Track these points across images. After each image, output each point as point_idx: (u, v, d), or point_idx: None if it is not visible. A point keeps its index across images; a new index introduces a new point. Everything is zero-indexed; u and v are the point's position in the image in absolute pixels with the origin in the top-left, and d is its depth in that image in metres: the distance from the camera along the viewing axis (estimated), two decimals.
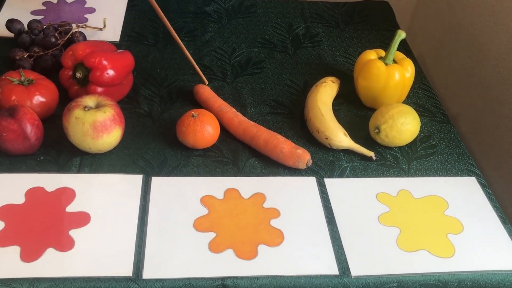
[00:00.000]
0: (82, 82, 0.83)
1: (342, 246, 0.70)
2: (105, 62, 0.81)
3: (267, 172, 0.79)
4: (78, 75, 0.82)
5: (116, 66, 0.82)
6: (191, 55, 1.00)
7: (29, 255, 0.65)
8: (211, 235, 0.69)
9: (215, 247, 0.68)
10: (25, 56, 0.90)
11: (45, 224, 0.68)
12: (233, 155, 0.81)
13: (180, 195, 0.74)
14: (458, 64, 1.28)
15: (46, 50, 0.92)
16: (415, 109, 0.86)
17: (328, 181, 0.78)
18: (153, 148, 0.80)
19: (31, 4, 1.07)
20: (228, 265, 0.66)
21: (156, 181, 0.75)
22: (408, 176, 0.81)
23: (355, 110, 0.92)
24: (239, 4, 1.16)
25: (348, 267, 0.67)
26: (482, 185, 0.81)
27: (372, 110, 0.89)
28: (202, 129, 0.79)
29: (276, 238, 0.70)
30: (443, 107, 0.96)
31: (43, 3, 1.08)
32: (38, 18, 1.02)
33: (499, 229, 0.74)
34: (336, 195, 0.76)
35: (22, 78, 0.81)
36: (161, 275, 0.64)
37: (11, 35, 0.96)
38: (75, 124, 0.74)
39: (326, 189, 0.77)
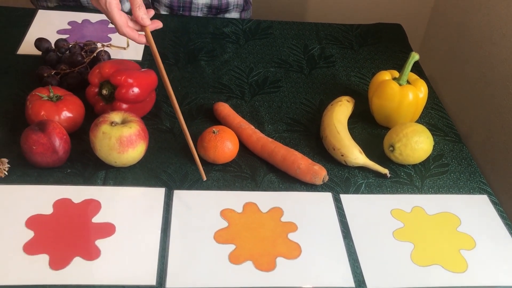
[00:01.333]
0: (108, 98, 0.87)
1: (358, 260, 0.72)
2: (130, 80, 0.85)
3: (284, 187, 0.81)
4: (104, 92, 0.86)
5: (140, 84, 0.86)
6: (211, 74, 1.04)
7: (57, 263, 0.67)
8: (231, 247, 0.72)
9: (234, 258, 0.70)
10: (52, 73, 0.94)
11: (72, 234, 0.71)
12: (251, 170, 0.84)
13: (201, 208, 0.77)
14: (469, 85, 1.31)
15: (72, 67, 0.96)
16: (428, 129, 0.88)
17: (344, 197, 0.81)
18: (175, 162, 0.83)
19: (57, 24, 1.12)
20: (247, 276, 0.68)
21: (178, 194, 0.78)
22: (421, 193, 0.83)
23: (370, 128, 0.95)
24: (256, 26, 1.19)
25: (363, 280, 0.69)
26: (494, 203, 0.83)
27: (386, 128, 0.91)
28: (222, 145, 0.82)
29: (293, 251, 0.72)
30: (455, 126, 0.98)
31: (69, 23, 1.13)
32: (64, 37, 1.06)
33: (510, 245, 0.76)
34: (352, 211, 0.79)
35: (51, 94, 0.85)
36: (183, 285, 0.67)
37: (39, 53, 1.01)
38: (102, 138, 0.77)
39: (342, 205, 0.79)
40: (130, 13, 1.19)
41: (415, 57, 0.90)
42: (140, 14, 0.79)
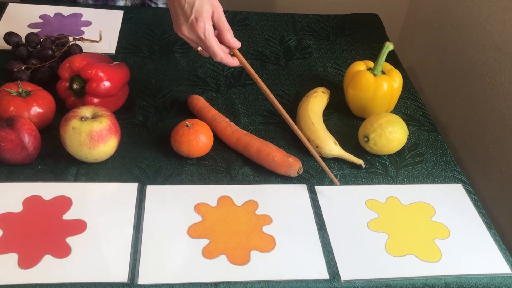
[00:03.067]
0: (79, 93, 0.85)
1: (332, 251, 0.72)
2: (101, 74, 0.83)
3: (259, 180, 0.81)
4: (75, 86, 0.84)
5: (112, 77, 0.84)
6: (185, 67, 1.03)
7: (26, 262, 0.66)
8: (205, 241, 0.71)
9: (208, 253, 0.70)
10: (23, 68, 0.92)
11: (42, 232, 0.70)
12: (226, 164, 0.83)
13: (175, 203, 0.76)
14: (447, 75, 1.31)
15: (43, 62, 0.94)
16: (404, 119, 0.88)
17: (318, 189, 0.80)
18: (148, 157, 0.82)
19: (29, 17, 1.10)
20: (221, 270, 0.68)
21: (151, 189, 0.77)
22: (396, 184, 0.83)
23: (345, 119, 0.94)
24: (232, 17, 1.18)
25: (338, 272, 0.69)
26: (469, 191, 0.83)
27: (362, 119, 0.91)
28: (196, 139, 0.81)
29: (268, 244, 0.72)
30: (431, 116, 0.98)
31: (40, 16, 1.11)
32: (36, 31, 1.04)
33: (484, 234, 0.76)
34: (327, 202, 0.78)
35: (20, 90, 0.83)
36: (156, 281, 0.66)
37: (9, 47, 0.98)
38: (72, 134, 0.76)
39: (316, 196, 0.79)
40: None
41: (389, 47, 0.89)
42: (230, 38, 0.82)
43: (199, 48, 0.83)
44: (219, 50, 0.81)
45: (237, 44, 0.83)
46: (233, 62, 0.84)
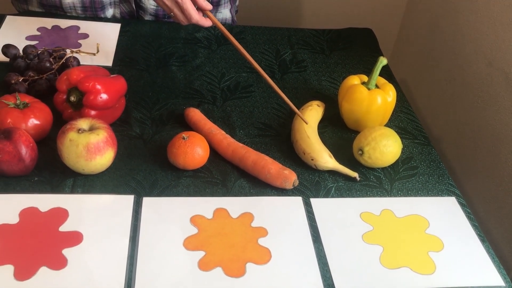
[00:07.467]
0: (76, 105, 0.86)
1: (327, 263, 0.72)
2: (98, 86, 0.84)
3: (255, 192, 0.81)
4: (72, 98, 0.85)
5: (109, 90, 0.85)
6: (182, 80, 1.04)
7: (22, 274, 0.66)
8: (201, 253, 0.72)
9: (204, 265, 0.70)
10: (20, 80, 0.93)
11: (39, 244, 0.70)
12: (222, 176, 0.84)
13: (171, 215, 0.76)
14: (440, 88, 1.33)
15: (40, 74, 0.95)
16: (397, 132, 0.89)
17: (314, 201, 0.81)
18: (145, 169, 0.83)
19: (26, 30, 1.10)
20: (217, 283, 0.68)
21: (147, 201, 0.78)
22: (390, 196, 0.84)
23: (340, 132, 0.95)
24: (228, 31, 1.19)
25: (333, 284, 0.70)
26: (462, 204, 0.84)
27: (356, 132, 0.92)
28: (192, 151, 0.81)
29: (263, 256, 0.72)
30: (425, 129, 1.00)
31: (38, 29, 1.11)
32: (33, 44, 1.05)
33: (477, 247, 0.77)
34: (322, 215, 0.79)
35: (18, 102, 0.83)
36: None
37: (7, 59, 0.99)
38: (69, 146, 0.76)
39: (312, 209, 0.80)
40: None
41: (383, 61, 0.91)
42: (203, 1, 0.89)
43: (172, 14, 0.89)
44: (194, 13, 0.88)
45: (209, 6, 0.90)
46: (207, 22, 0.91)
